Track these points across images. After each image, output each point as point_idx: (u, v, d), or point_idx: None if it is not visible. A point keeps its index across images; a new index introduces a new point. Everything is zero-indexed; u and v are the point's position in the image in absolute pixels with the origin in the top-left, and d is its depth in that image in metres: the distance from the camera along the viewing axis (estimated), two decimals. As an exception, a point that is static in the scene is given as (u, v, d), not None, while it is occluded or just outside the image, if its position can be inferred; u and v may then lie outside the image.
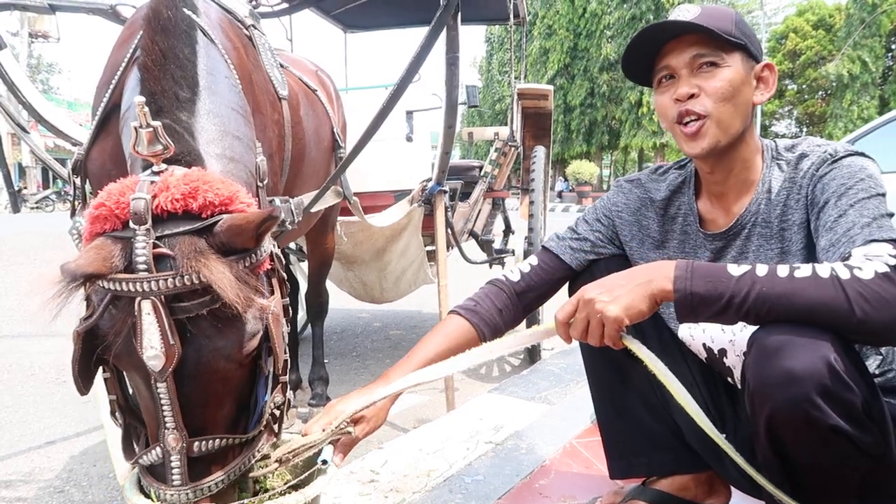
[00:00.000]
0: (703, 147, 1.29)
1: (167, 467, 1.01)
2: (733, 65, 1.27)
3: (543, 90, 4.63)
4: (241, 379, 1.10)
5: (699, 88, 1.27)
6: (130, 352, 0.97)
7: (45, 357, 3.93)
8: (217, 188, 1.04)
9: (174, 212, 1.01)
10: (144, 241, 0.97)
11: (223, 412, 1.08)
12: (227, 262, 0.99)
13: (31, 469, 2.41)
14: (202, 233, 1.01)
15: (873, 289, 0.97)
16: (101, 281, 0.96)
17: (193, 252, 0.97)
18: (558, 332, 1.19)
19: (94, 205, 1.02)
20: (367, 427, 1.27)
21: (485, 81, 35.50)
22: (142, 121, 1.03)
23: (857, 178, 1.17)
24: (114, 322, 0.97)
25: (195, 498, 1.02)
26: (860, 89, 22.21)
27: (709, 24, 1.25)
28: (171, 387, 0.98)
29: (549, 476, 1.87)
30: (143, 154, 1.06)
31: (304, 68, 2.65)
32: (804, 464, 1.07)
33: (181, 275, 0.96)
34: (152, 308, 0.95)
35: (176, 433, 1.00)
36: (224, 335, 1.01)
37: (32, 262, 8.35)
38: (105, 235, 1.01)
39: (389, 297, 3.99)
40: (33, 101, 2.00)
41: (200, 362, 1.00)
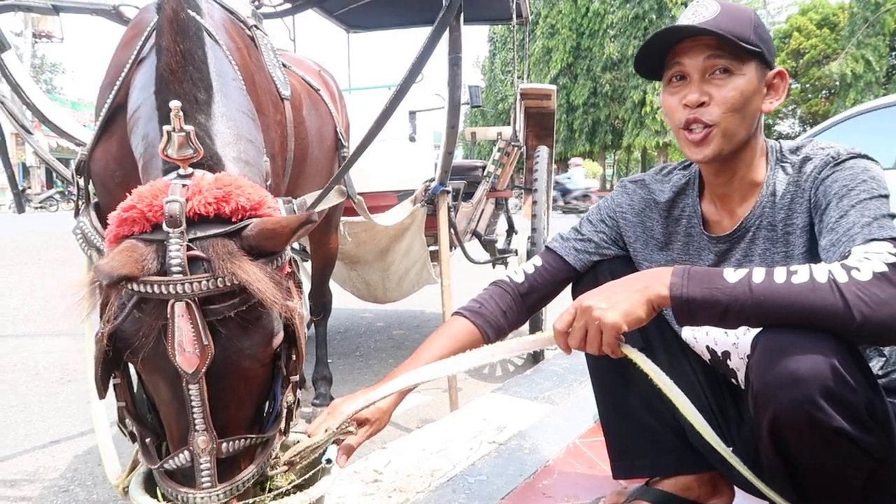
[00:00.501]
0: (706, 154, 1.28)
1: (196, 470, 1.02)
2: (747, 74, 1.24)
3: (546, 90, 4.63)
4: (264, 378, 1.11)
5: (709, 97, 1.25)
6: (159, 354, 0.97)
7: (50, 357, 3.94)
8: (248, 193, 1.06)
9: (206, 215, 1.02)
10: (179, 244, 0.98)
11: (246, 412, 1.09)
12: (258, 265, 1.00)
13: (36, 468, 2.42)
14: (233, 236, 1.02)
15: (871, 290, 0.96)
16: (133, 283, 0.96)
17: (227, 254, 0.98)
18: (556, 341, 1.18)
19: (122, 207, 1.02)
20: (370, 428, 1.27)
21: (488, 81, 35.50)
22: (175, 125, 1.04)
23: (860, 179, 1.17)
24: (141, 325, 0.97)
25: (226, 499, 1.03)
26: (864, 88, 22.16)
27: (728, 28, 1.22)
28: (202, 388, 0.98)
29: (552, 476, 1.87)
30: (174, 158, 1.06)
31: (308, 68, 2.65)
32: (808, 465, 1.07)
33: (216, 277, 0.97)
34: (186, 310, 0.95)
35: (206, 435, 1.00)
36: (250, 336, 1.02)
37: (36, 262, 8.37)
38: (135, 238, 1.01)
39: (392, 297, 3.99)
40: (37, 102, 2.01)
41: (229, 363, 1.01)
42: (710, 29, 1.21)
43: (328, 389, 2.95)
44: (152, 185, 1.05)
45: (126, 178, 1.50)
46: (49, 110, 2.02)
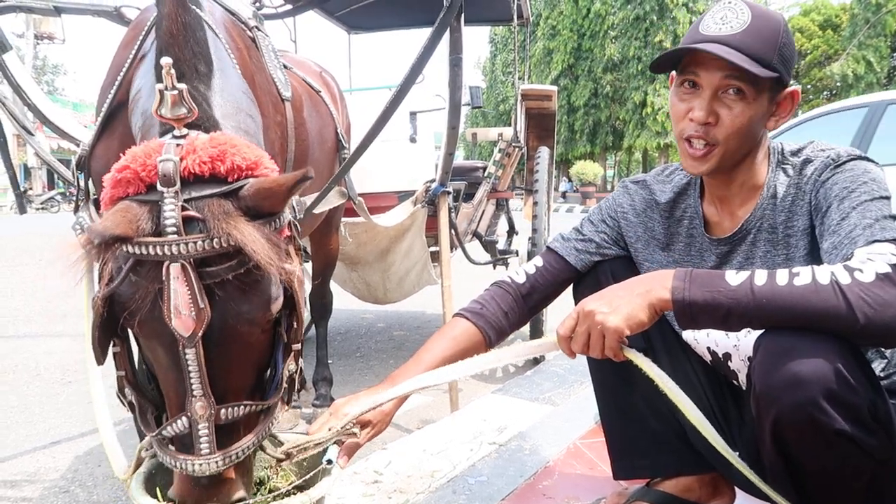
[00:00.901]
0: (702, 170, 1.28)
1: (195, 436, 1.00)
2: (759, 99, 1.21)
3: (547, 91, 4.63)
4: (263, 345, 1.10)
5: (717, 117, 1.22)
6: (155, 318, 0.96)
7: (51, 357, 3.94)
8: (244, 152, 1.04)
9: (201, 175, 1.00)
10: (173, 204, 0.96)
11: (246, 379, 1.08)
12: (255, 225, 0.98)
13: (37, 469, 2.42)
14: (229, 196, 1.00)
15: (875, 291, 0.96)
16: (127, 245, 0.94)
17: (223, 214, 0.97)
18: (560, 346, 1.19)
19: (116, 168, 1.00)
20: (372, 430, 1.27)
21: (488, 82, 35.52)
22: (167, 82, 1.02)
23: (860, 181, 1.16)
24: (137, 288, 0.95)
25: (224, 466, 1.02)
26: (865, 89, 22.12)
27: (753, 50, 1.17)
28: (199, 352, 0.97)
29: (552, 477, 1.87)
30: (167, 117, 1.04)
31: (308, 69, 2.65)
32: (810, 468, 1.07)
33: (212, 237, 0.95)
34: (181, 272, 0.94)
35: (204, 400, 0.99)
36: (248, 299, 1.00)
37: (38, 262, 8.38)
38: (129, 199, 0.99)
39: (393, 297, 3.99)
40: (38, 103, 2.01)
41: (227, 327, 0.99)
42: (730, 58, 1.16)
43: (328, 390, 2.95)
44: (146, 145, 1.03)
45: None
46: (50, 111, 2.02)
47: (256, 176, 1.04)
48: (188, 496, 1.03)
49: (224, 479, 1.04)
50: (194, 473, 1.00)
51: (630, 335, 1.10)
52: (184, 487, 1.03)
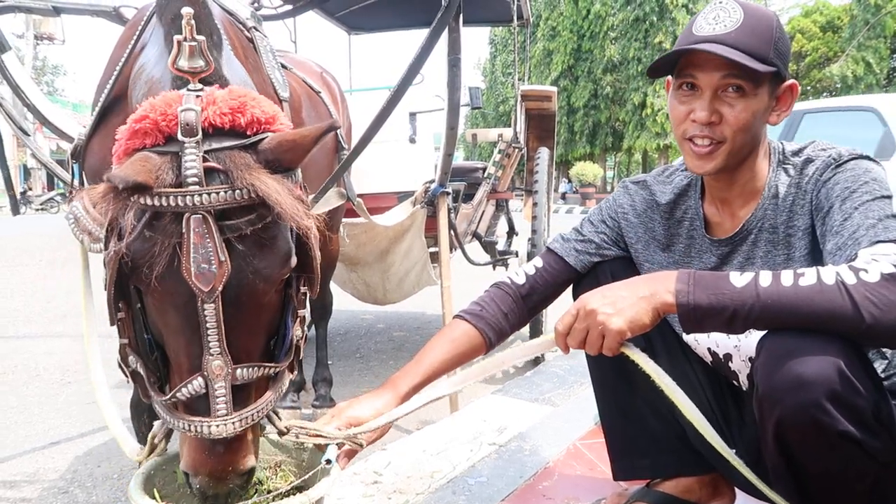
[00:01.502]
0: (708, 169, 1.27)
1: (211, 397, 0.98)
2: (760, 94, 1.21)
3: (547, 91, 4.63)
4: (276, 304, 1.09)
5: (720, 116, 1.22)
6: (173, 273, 0.93)
7: (50, 358, 3.94)
8: (263, 105, 1.03)
9: (221, 126, 0.98)
10: (195, 154, 0.94)
11: (259, 339, 1.07)
12: (277, 178, 0.97)
13: (36, 470, 2.42)
14: (248, 148, 0.99)
15: (880, 291, 0.96)
16: (146, 196, 0.92)
17: (245, 166, 0.95)
18: (557, 342, 1.18)
19: (134, 118, 0.98)
20: (372, 435, 1.27)
21: (488, 83, 35.50)
22: (186, 33, 1.00)
23: (861, 181, 1.16)
24: (155, 241, 0.93)
25: (241, 428, 1.00)
26: (864, 90, 22.12)
27: (748, 46, 1.17)
28: (218, 308, 0.95)
29: (552, 478, 1.87)
30: (183, 69, 1.02)
31: (309, 70, 2.65)
32: (813, 469, 1.07)
33: (234, 189, 0.93)
34: (203, 223, 0.92)
35: (221, 359, 0.97)
36: (266, 254, 0.99)
37: (37, 263, 8.38)
38: (146, 150, 0.97)
39: (393, 298, 3.99)
40: (37, 103, 2.01)
41: (245, 283, 0.97)
42: (728, 55, 1.16)
43: (328, 391, 2.95)
44: (164, 96, 1.00)
45: None
46: (49, 112, 2.02)
47: (273, 130, 1.03)
48: (201, 466, 1.01)
49: (237, 447, 1.02)
50: (210, 436, 0.98)
51: (630, 337, 1.10)
52: (196, 457, 1.01)
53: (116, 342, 1.07)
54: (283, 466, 1.27)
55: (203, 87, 1.04)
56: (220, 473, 1.02)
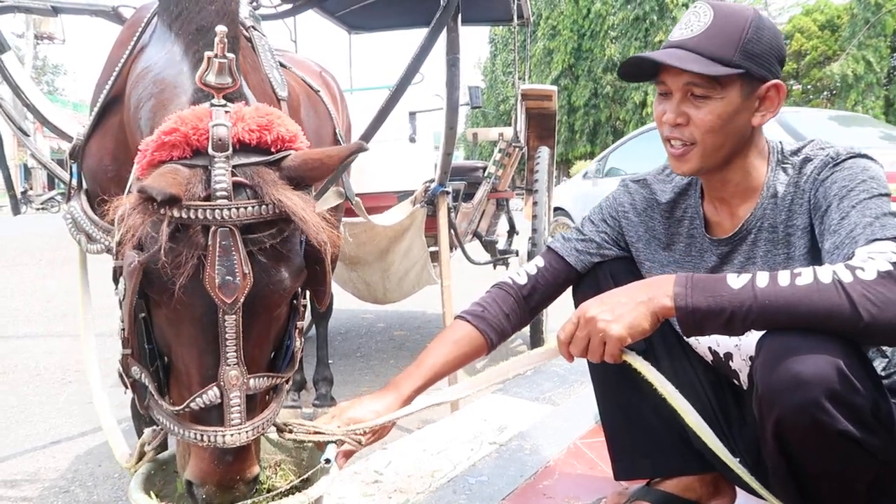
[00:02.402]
0: (685, 170, 1.30)
1: (226, 406, 1.00)
2: (727, 97, 1.22)
3: (547, 91, 4.63)
4: (286, 316, 1.11)
5: (687, 118, 1.25)
6: (195, 284, 0.95)
7: (50, 357, 3.94)
8: (287, 124, 1.05)
9: (248, 143, 1.01)
10: (224, 169, 0.96)
11: (268, 350, 1.09)
12: (300, 195, 1.00)
13: (36, 469, 2.42)
14: (273, 165, 1.02)
15: (877, 289, 0.96)
16: (174, 208, 0.93)
17: (272, 182, 0.98)
18: (560, 351, 1.19)
19: (163, 131, 0.99)
20: (373, 437, 1.27)
21: (488, 82, 35.50)
22: (218, 50, 1.01)
23: (859, 179, 1.16)
24: (179, 253, 0.94)
25: (254, 436, 1.02)
26: (865, 89, 22.12)
27: (708, 50, 1.19)
28: (238, 319, 0.97)
29: (553, 477, 1.87)
30: (210, 84, 1.04)
31: (308, 69, 2.65)
32: (812, 468, 1.07)
33: (262, 204, 0.96)
34: (229, 236, 0.94)
35: (238, 369, 0.99)
36: (283, 267, 1.01)
37: (38, 262, 8.39)
38: (174, 162, 0.98)
39: (393, 297, 3.99)
40: (37, 103, 2.01)
41: (264, 295, 0.99)
42: (676, 65, 1.20)
43: (329, 390, 2.95)
44: (193, 111, 1.02)
45: (119, 172, 1.49)
46: (49, 112, 2.02)
47: (295, 149, 1.05)
48: (210, 476, 1.02)
49: (243, 455, 1.03)
50: (224, 445, 0.99)
51: (631, 342, 1.10)
52: (204, 467, 1.02)
53: (114, 341, 1.08)
54: (283, 465, 1.27)
55: (226, 103, 1.06)
56: (228, 482, 1.03)
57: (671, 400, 1.15)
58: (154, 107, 1.21)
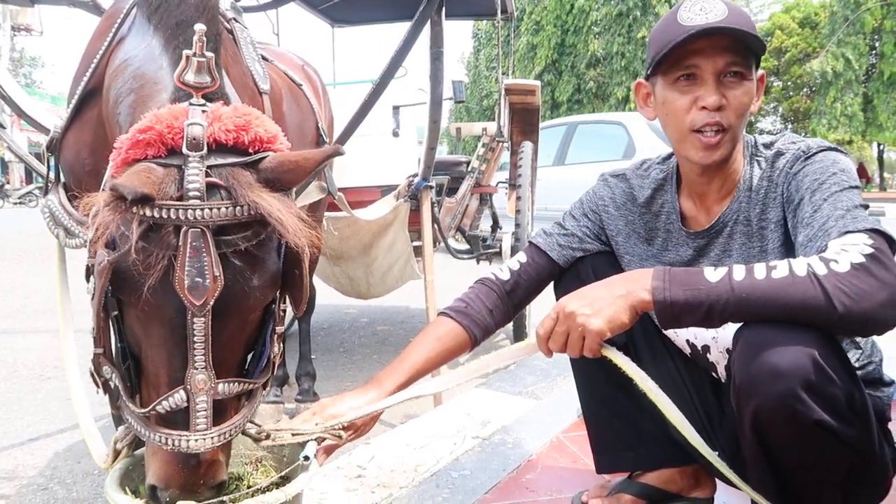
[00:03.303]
0: (715, 159, 1.27)
1: (192, 411, 0.98)
2: (752, 78, 1.25)
3: (531, 86, 4.63)
4: (259, 321, 1.09)
5: (726, 100, 1.23)
6: (165, 285, 0.93)
7: (29, 354, 3.89)
8: (266, 125, 1.03)
9: (224, 143, 0.99)
10: (198, 169, 0.95)
11: (239, 355, 1.07)
12: (277, 197, 0.98)
13: (15, 467, 2.39)
14: (250, 166, 1.00)
15: (851, 281, 0.97)
16: (146, 207, 0.92)
17: (247, 184, 0.96)
18: (539, 346, 1.19)
19: (138, 129, 0.98)
20: (355, 433, 1.27)
21: (472, 77, 35.45)
22: (196, 49, 1.00)
23: (830, 172, 1.18)
24: (149, 254, 0.92)
25: (219, 443, 1.00)
26: (844, 86, 22.38)
27: (746, 28, 1.20)
28: (207, 322, 0.95)
29: (535, 470, 1.88)
30: (189, 84, 1.02)
31: (290, 62, 2.63)
32: (789, 458, 1.08)
33: (236, 205, 0.94)
34: (201, 237, 0.92)
35: (205, 373, 0.97)
36: (258, 271, 0.99)
37: (16, 258, 8.27)
38: (149, 160, 0.97)
39: (376, 292, 3.98)
40: (14, 96, 1.97)
41: (235, 298, 0.97)
42: (742, 29, 1.18)
43: (312, 385, 2.94)
44: (170, 109, 1.01)
45: (97, 167, 1.47)
46: (27, 104, 1.99)
47: (274, 150, 1.04)
48: (173, 480, 1.00)
49: (210, 461, 1.02)
50: (188, 450, 0.98)
51: (610, 336, 1.11)
52: (167, 470, 1.00)
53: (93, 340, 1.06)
54: (264, 462, 1.27)
55: (205, 102, 1.04)
56: (191, 487, 1.01)
57: (650, 395, 1.15)
58: (134, 102, 1.19)
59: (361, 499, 1.74)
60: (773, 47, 25.74)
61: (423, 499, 1.73)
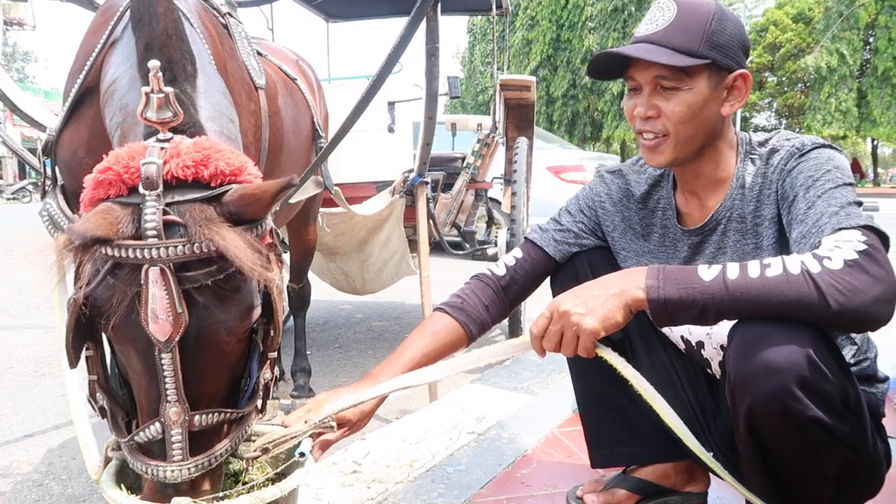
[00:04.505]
0: (659, 162, 1.32)
1: (167, 443, 0.99)
2: (695, 87, 1.24)
3: (526, 81, 4.62)
4: (239, 352, 1.09)
5: (657, 110, 1.27)
6: (132, 322, 0.95)
7: (23, 350, 3.88)
8: (228, 157, 1.03)
9: (184, 179, 0.99)
10: (154, 207, 0.95)
11: (220, 385, 1.07)
12: (238, 231, 0.98)
13: (10, 463, 2.39)
14: (212, 201, 1.00)
15: (844, 278, 0.98)
16: (106, 247, 0.93)
17: (205, 220, 0.96)
18: (532, 345, 1.18)
19: (98, 169, 1.00)
20: (349, 429, 1.26)
21: (467, 72, 35.40)
22: (154, 85, 1.01)
23: (824, 169, 1.18)
24: (114, 290, 0.94)
25: (196, 473, 1.01)
26: (838, 81, 22.47)
27: (674, 42, 1.22)
28: (175, 357, 0.96)
29: (531, 465, 1.88)
30: (152, 120, 1.03)
31: (285, 58, 2.62)
32: (783, 454, 1.09)
33: (192, 242, 0.94)
34: (160, 276, 0.93)
35: (178, 406, 0.98)
36: (226, 307, 0.99)
37: (10, 253, 8.23)
38: (110, 200, 0.98)
39: (371, 288, 3.98)
40: (7, 91, 1.96)
41: (203, 334, 0.98)
42: (644, 57, 1.22)
43: (307, 381, 2.94)
44: (129, 147, 1.02)
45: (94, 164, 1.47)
46: (20, 99, 1.98)
47: (240, 182, 1.03)
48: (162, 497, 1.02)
49: (195, 486, 1.03)
50: (165, 480, 1.00)
51: (604, 335, 1.11)
52: (153, 493, 1.03)
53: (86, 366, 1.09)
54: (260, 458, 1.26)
55: (172, 135, 1.05)
56: None
57: (645, 395, 1.15)
58: (120, 137, 1.23)
59: (357, 494, 1.74)
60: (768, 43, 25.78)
61: (418, 494, 1.73)
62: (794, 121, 28.03)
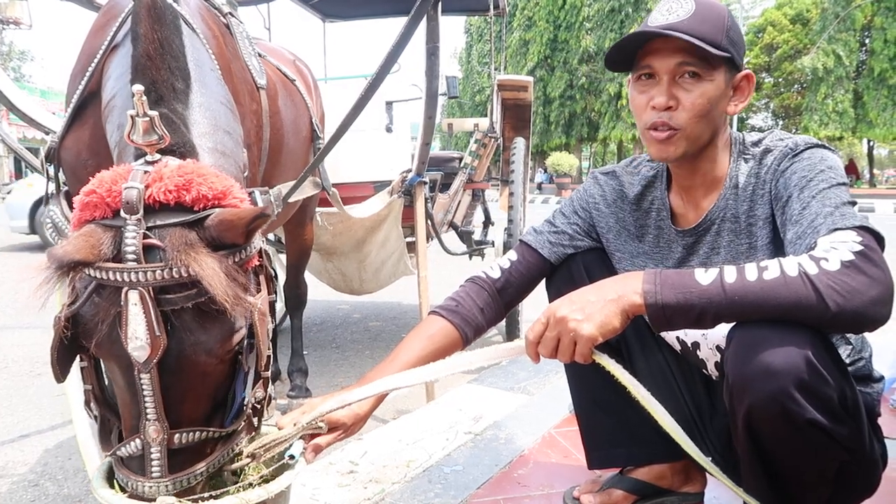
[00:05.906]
0: (669, 156, 1.29)
1: (147, 459, 1.01)
2: (716, 79, 1.24)
3: (523, 81, 4.63)
4: (222, 374, 1.09)
5: (677, 101, 1.24)
6: (113, 341, 0.97)
7: (19, 350, 3.87)
8: (211, 182, 1.04)
9: (166, 203, 1.00)
10: (135, 231, 0.97)
11: (202, 406, 1.08)
12: (216, 257, 0.98)
13: (5, 463, 2.38)
14: (193, 226, 1.01)
15: (841, 279, 0.97)
16: (87, 269, 0.95)
17: (183, 245, 0.97)
18: (527, 351, 1.17)
19: (84, 192, 1.02)
20: (344, 432, 1.26)
21: (464, 73, 35.42)
22: (139, 109, 1.02)
23: (818, 169, 1.18)
24: (98, 310, 0.97)
25: (174, 490, 1.02)
26: (834, 83, 22.52)
27: (701, 31, 1.20)
28: (154, 378, 0.97)
29: (527, 466, 1.89)
30: (138, 143, 1.05)
31: (282, 58, 2.62)
32: (781, 457, 1.08)
33: (170, 267, 0.95)
34: (139, 299, 0.94)
35: (157, 424, 1.00)
36: (208, 330, 1.00)
37: (6, 253, 8.21)
38: (94, 223, 1.00)
39: (369, 288, 3.98)
40: (4, 89, 1.96)
41: (183, 355, 0.99)
42: (682, 35, 1.19)
43: (304, 381, 2.94)
44: (115, 171, 1.04)
45: (99, 167, 1.47)
46: (17, 98, 1.97)
47: (224, 206, 1.04)
48: None
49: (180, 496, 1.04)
50: (144, 495, 1.01)
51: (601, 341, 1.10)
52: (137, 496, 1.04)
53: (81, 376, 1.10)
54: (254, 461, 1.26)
55: (159, 157, 1.07)
56: None
57: (642, 401, 1.15)
58: (117, 157, 1.25)
59: (354, 494, 1.74)
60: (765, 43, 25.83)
61: (415, 494, 1.73)
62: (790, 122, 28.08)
